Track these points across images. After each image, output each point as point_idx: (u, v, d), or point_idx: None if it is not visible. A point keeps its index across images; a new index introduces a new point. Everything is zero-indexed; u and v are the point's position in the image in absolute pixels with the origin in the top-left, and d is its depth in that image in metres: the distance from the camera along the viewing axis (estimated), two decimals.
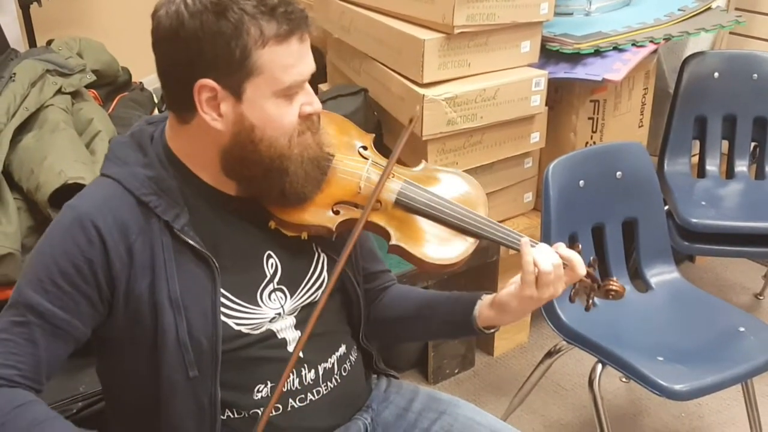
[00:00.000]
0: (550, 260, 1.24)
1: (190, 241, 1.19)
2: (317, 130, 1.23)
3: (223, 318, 1.21)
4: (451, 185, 1.37)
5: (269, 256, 1.27)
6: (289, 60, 1.14)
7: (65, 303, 1.15)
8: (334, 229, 1.26)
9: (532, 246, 1.27)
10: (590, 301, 1.36)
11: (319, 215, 1.26)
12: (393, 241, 1.28)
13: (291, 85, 1.15)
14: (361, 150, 1.35)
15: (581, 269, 1.27)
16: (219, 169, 1.21)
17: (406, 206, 1.30)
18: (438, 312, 1.41)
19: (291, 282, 1.29)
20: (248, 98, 1.14)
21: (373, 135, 1.39)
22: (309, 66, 1.18)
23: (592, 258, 1.36)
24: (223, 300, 1.21)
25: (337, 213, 1.27)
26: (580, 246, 1.32)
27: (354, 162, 1.32)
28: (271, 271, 1.27)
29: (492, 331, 1.36)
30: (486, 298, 1.35)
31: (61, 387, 1.60)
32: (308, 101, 1.19)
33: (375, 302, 1.46)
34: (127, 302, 1.18)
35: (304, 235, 1.27)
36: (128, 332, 1.19)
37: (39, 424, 1.12)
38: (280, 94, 1.15)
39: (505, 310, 1.30)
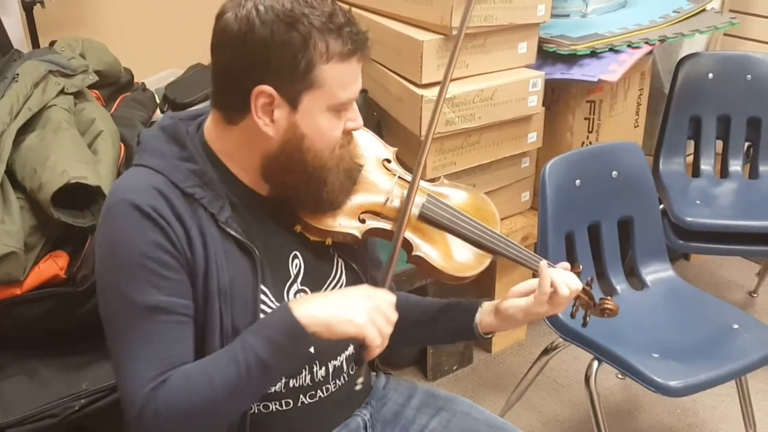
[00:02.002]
0: (567, 283, 1.32)
1: (234, 234, 1.21)
2: (349, 142, 1.27)
3: (260, 313, 1.23)
4: (468, 202, 1.42)
5: (294, 257, 1.30)
6: (347, 78, 1.17)
7: (179, 289, 1.16)
8: (360, 237, 1.30)
9: (550, 267, 1.34)
10: (587, 318, 1.44)
11: (347, 223, 1.29)
12: (415, 252, 1.32)
13: (344, 102, 1.19)
14: (386, 162, 1.39)
15: (576, 284, 1.35)
16: (258, 172, 1.23)
17: (428, 219, 1.35)
18: (438, 319, 1.45)
19: (313, 283, 1.31)
20: (303, 109, 1.16)
21: (396, 149, 1.42)
22: (360, 85, 1.21)
23: (590, 277, 1.43)
24: (261, 295, 1.24)
25: (363, 222, 1.31)
26: (580, 266, 1.38)
27: (381, 174, 1.36)
28: (295, 271, 1.30)
29: (489, 336, 1.42)
30: (486, 306, 1.40)
31: (65, 384, 1.60)
32: (353, 117, 1.23)
33: None
34: None
35: (329, 241, 1.30)
36: None
37: (211, 368, 1.14)
38: (333, 108, 1.18)
39: (509, 321, 1.37)
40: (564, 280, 1.32)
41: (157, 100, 2.25)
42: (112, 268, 1.17)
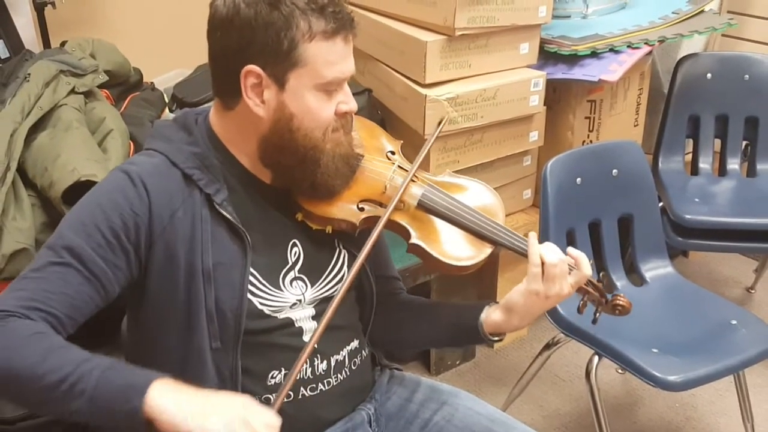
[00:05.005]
0: (556, 254, 1.30)
1: (228, 216, 1.24)
2: (350, 130, 1.30)
3: (248, 295, 1.26)
4: (471, 193, 1.42)
5: (294, 245, 1.33)
6: (332, 57, 1.20)
7: (105, 252, 1.18)
8: (357, 225, 1.32)
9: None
10: (597, 314, 1.41)
11: (345, 210, 1.32)
12: (413, 240, 1.33)
13: (331, 81, 1.22)
14: (389, 154, 1.42)
15: (587, 268, 1.33)
16: (257, 156, 1.27)
17: (427, 208, 1.36)
18: (444, 317, 1.46)
19: (312, 272, 1.34)
20: (290, 88, 1.20)
21: (401, 141, 1.44)
22: (350, 66, 1.24)
23: (601, 274, 1.41)
24: (250, 278, 1.26)
25: (361, 210, 1.33)
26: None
27: (381, 164, 1.39)
28: (293, 259, 1.33)
29: (497, 339, 1.39)
30: (493, 306, 1.39)
31: None
32: (345, 100, 1.26)
33: (383, 306, 1.49)
34: (165, 266, 1.22)
35: (329, 229, 1.33)
36: (163, 296, 1.24)
37: (56, 349, 1.11)
38: (321, 88, 1.21)
39: (513, 311, 1.33)
40: (552, 249, 1.30)
41: (166, 100, 2.26)
42: (75, 207, 1.24)
